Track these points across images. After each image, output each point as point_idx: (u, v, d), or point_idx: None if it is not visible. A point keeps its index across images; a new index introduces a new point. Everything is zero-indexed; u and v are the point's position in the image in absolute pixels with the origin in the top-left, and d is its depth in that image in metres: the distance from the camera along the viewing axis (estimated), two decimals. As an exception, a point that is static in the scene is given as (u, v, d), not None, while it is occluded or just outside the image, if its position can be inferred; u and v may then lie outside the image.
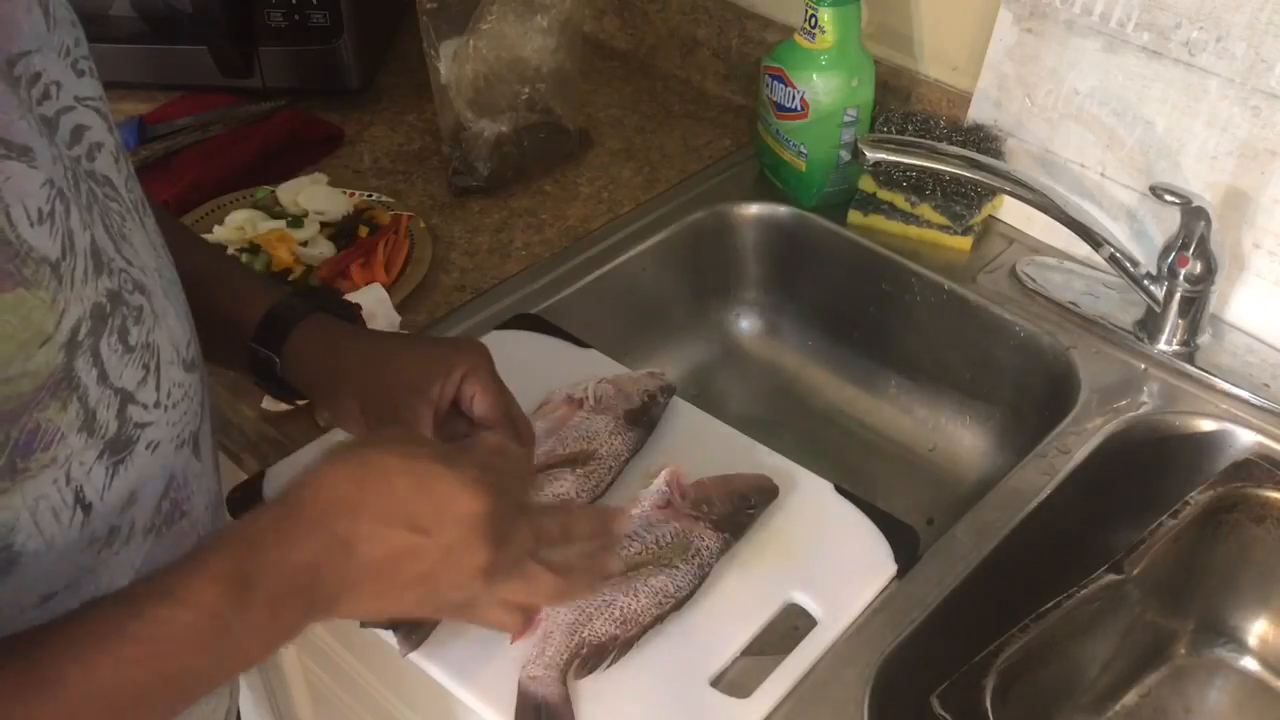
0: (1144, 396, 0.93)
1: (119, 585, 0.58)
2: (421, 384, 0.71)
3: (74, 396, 0.54)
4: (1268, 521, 0.85)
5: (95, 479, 0.56)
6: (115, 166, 0.61)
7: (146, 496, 0.60)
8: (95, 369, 0.55)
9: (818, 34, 1.04)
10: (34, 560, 0.55)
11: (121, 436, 0.57)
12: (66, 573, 0.57)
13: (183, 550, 0.62)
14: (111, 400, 0.56)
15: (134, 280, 0.58)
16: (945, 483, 1.06)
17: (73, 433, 0.54)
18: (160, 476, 0.61)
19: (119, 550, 0.59)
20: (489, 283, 1.04)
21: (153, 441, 0.60)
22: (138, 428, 0.58)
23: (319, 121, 1.23)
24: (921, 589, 0.77)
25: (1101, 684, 0.86)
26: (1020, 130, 1.05)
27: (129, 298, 0.57)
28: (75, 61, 0.59)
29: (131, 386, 0.57)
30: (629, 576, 0.74)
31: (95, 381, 0.55)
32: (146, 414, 0.59)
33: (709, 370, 1.17)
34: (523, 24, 1.11)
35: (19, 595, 0.55)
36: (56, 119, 0.56)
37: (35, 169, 0.52)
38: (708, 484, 0.80)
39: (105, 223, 0.57)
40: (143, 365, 0.58)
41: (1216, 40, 0.91)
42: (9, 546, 0.54)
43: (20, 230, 0.50)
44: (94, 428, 0.55)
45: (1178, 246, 0.91)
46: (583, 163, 1.20)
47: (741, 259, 1.17)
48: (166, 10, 1.21)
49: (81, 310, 0.54)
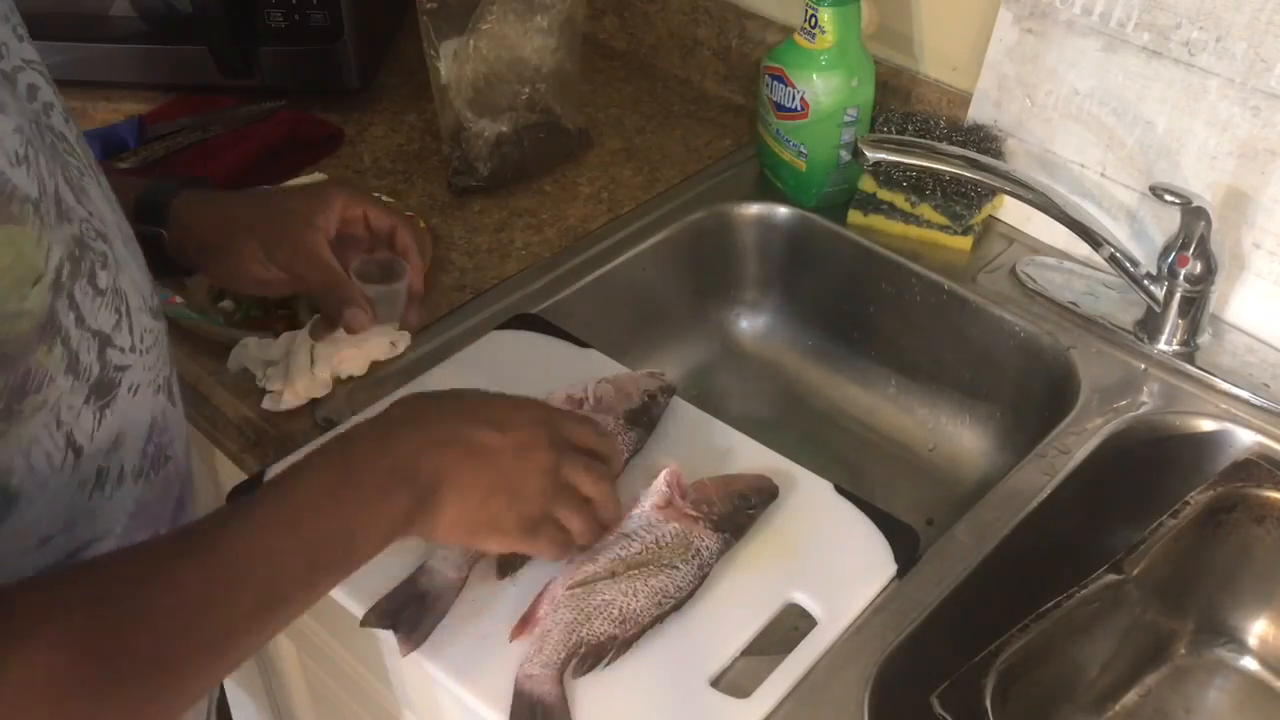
0: (1144, 396, 0.93)
1: (113, 529, 0.62)
2: (310, 215, 0.82)
3: (58, 339, 0.56)
4: (1268, 521, 0.85)
5: (84, 423, 0.59)
6: (68, 125, 0.63)
7: (132, 439, 0.63)
8: (73, 312, 0.57)
9: (818, 34, 1.04)
10: (30, 503, 0.57)
11: (104, 379, 0.60)
12: (61, 515, 0.59)
13: (171, 494, 0.68)
14: (91, 343, 0.59)
15: (95, 229, 0.61)
16: (945, 483, 1.06)
17: (60, 375, 0.57)
18: (143, 420, 0.64)
19: (110, 494, 0.62)
20: (489, 283, 1.04)
21: (133, 385, 0.63)
22: (118, 370, 0.61)
23: (319, 121, 1.23)
24: (921, 589, 0.77)
25: (1101, 684, 0.86)
26: (1020, 130, 1.05)
27: (93, 244, 0.60)
28: (15, 27, 0.61)
29: (108, 329, 0.60)
30: (628, 576, 0.74)
31: (75, 324, 0.57)
32: (124, 357, 0.62)
33: (709, 370, 1.17)
34: (523, 24, 1.11)
35: (19, 538, 0.58)
36: (13, 76, 0.58)
37: (6, 115, 0.53)
38: (708, 484, 0.80)
39: (65, 175, 0.59)
40: (114, 309, 0.61)
41: (1216, 40, 0.91)
42: (5, 489, 0.56)
43: (2, 168, 0.52)
44: (78, 370, 0.58)
45: (1178, 246, 0.91)
46: (583, 163, 1.20)
47: (741, 259, 1.17)
48: (166, 10, 1.21)
49: (61, 251, 0.56)
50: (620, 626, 0.72)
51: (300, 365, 0.89)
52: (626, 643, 0.72)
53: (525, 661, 0.71)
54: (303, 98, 1.25)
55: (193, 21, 1.20)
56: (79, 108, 1.27)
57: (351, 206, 0.85)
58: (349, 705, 1.01)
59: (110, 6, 1.22)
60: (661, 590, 0.73)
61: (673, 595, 0.74)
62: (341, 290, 0.83)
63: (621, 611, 0.72)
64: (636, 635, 0.72)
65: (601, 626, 0.71)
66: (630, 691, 0.71)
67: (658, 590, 0.73)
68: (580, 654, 0.71)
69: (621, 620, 0.72)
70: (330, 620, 0.91)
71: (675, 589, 0.74)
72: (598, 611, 0.72)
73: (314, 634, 0.98)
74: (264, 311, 0.96)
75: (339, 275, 0.83)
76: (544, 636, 0.71)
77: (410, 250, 0.88)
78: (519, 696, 0.69)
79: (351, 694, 0.99)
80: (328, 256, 0.83)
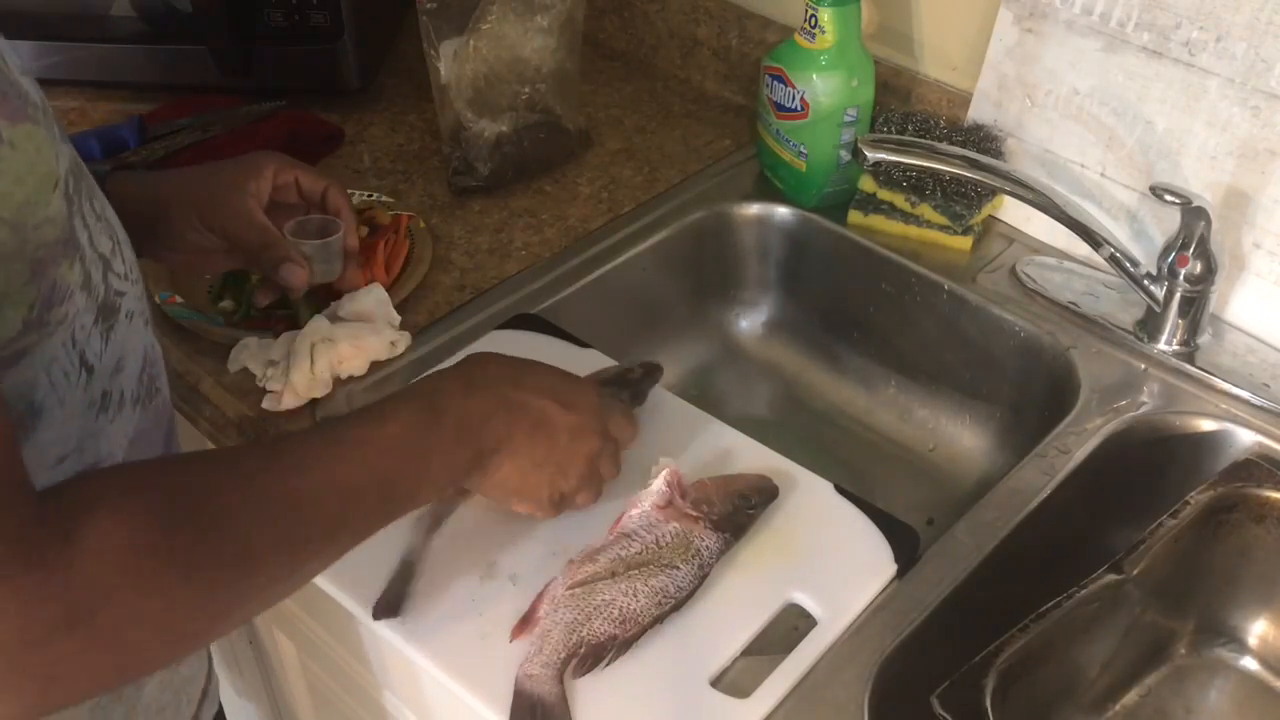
0: (1144, 396, 0.93)
1: (115, 454, 0.64)
2: (242, 182, 0.85)
3: (76, 256, 0.58)
4: (1268, 521, 0.85)
5: (94, 343, 0.61)
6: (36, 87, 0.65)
7: (130, 365, 0.66)
8: (85, 231, 0.60)
9: (818, 34, 1.04)
10: (50, 419, 0.59)
11: (108, 302, 0.63)
12: (75, 435, 0.61)
13: (161, 425, 0.70)
14: (97, 263, 0.61)
15: (79, 163, 0.63)
16: (945, 483, 1.06)
17: (78, 290, 0.59)
18: (138, 348, 0.67)
19: (113, 417, 0.64)
20: (489, 283, 1.04)
21: (130, 311, 0.65)
22: (118, 295, 0.63)
23: (319, 121, 1.23)
24: (921, 589, 0.77)
25: (1101, 684, 0.86)
26: (1020, 130, 1.05)
27: (85, 172, 0.62)
28: None
29: (107, 254, 0.63)
30: (629, 576, 0.74)
31: (87, 244, 0.60)
32: (121, 284, 0.64)
33: (709, 370, 1.17)
34: (523, 24, 1.11)
35: (40, 455, 0.59)
36: None
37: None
38: (708, 484, 0.80)
39: None
40: (109, 237, 0.64)
41: (1216, 40, 0.91)
42: (31, 403, 0.57)
43: (14, 76, 0.54)
44: (91, 288, 0.60)
45: (1178, 246, 0.91)
46: (583, 163, 1.20)
47: (741, 259, 1.17)
48: (166, 10, 1.21)
49: (67, 162, 0.58)
50: (620, 626, 0.72)
51: (300, 365, 0.89)
52: (627, 643, 0.72)
53: (525, 661, 0.71)
54: (303, 98, 1.25)
55: (193, 21, 1.20)
56: (79, 108, 1.27)
57: (283, 173, 0.88)
58: (349, 705, 1.01)
59: (110, 6, 1.22)
60: (662, 590, 0.73)
61: (673, 595, 0.74)
62: (277, 249, 0.86)
63: (622, 611, 0.72)
64: (637, 635, 0.72)
65: (602, 626, 0.71)
66: (630, 691, 0.71)
67: (658, 590, 0.73)
68: (580, 654, 0.71)
69: (622, 620, 0.72)
70: (330, 620, 0.91)
71: (675, 589, 0.74)
72: (598, 611, 0.72)
73: (314, 634, 0.98)
74: (264, 312, 0.96)
75: (273, 234, 0.86)
76: (544, 636, 0.71)
77: (344, 209, 0.92)
78: (519, 696, 0.69)
79: (351, 694, 0.99)
80: (260, 218, 0.86)
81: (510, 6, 1.09)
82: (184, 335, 0.96)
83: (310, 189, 0.91)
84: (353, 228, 0.93)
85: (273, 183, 0.88)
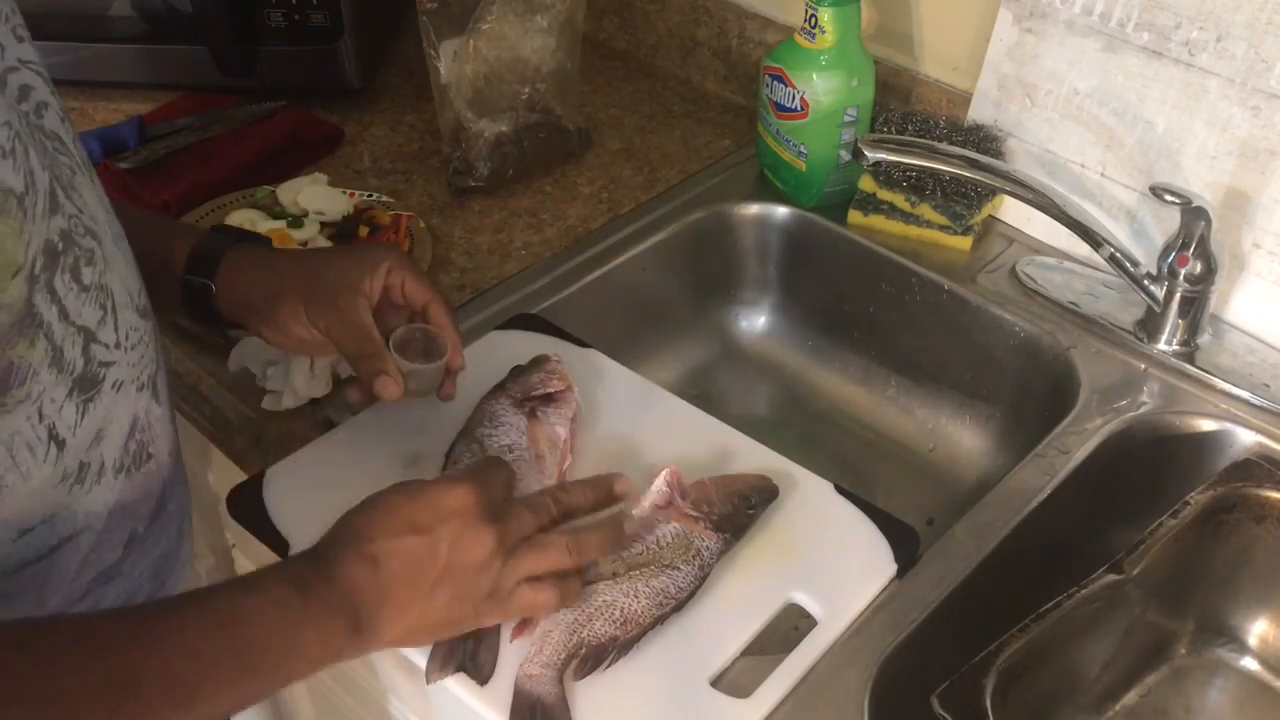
0: (1144, 396, 0.93)
1: (93, 525, 0.64)
2: (354, 279, 0.81)
3: (40, 333, 0.57)
4: (1268, 521, 0.85)
5: (66, 416, 0.60)
6: (62, 125, 0.64)
7: (114, 435, 0.64)
8: (55, 305, 0.58)
9: (818, 34, 1.04)
10: (11, 494, 0.58)
11: (88, 374, 0.61)
12: (43, 508, 0.61)
13: (151, 493, 0.69)
14: (75, 338, 0.60)
15: (84, 226, 0.62)
16: (945, 483, 1.06)
17: (44, 369, 0.58)
18: (125, 416, 0.65)
19: (91, 488, 0.63)
20: (489, 283, 1.04)
21: (117, 381, 0.64)
22: (102, 366, 0.63)
23: (319, 121, 1.23)
24: (921, 589, 0.78)
25: (1101, 684, 0.86)
26: (1020, 130, 1.05)
27: (80, 240, 0.61)
28: (14, 28, 0.62)
29: (92, 325, 0.62)
30: (629, 577, 0.74)
31: (57, 318, 0.59)
32: (109, 354, 0.63)
33: (709, 370, 1.17)
34: (523, 24, 1.11)
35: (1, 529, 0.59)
36: (4, 77, 0.59)
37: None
38: (708, 484, 0.80)
39: (54, 173, 0.60)
40: (99, 305, 0.62)
41: (1216, 40, 0.91)
42: None
43: None
44: (63, 364, 0.59)
45: (1178, 246, 0.91)
46: (583, 163, 1.20)
47: (741, 259, 1.17)
48: (166, 10, 1.21)
49: (40, 244, 0.57)
50: (621, 627, 0.72)
51: (300, 365, 0.89)
52: (627, 644, 0.72)
53: (525, 662, 0.71)
54: (303, 98, 1.25)
55: (193, 21, 1.20)
56: (79, 108, 1.27)
57: (395, 272, 0.83)
58: (349, 705, 1.01)
59: (110, 6, 1.22)
60: (662, 591, 0.73)
61: (673, 596, 0.74)
62: (377, 361, 0.80)
63: (622, 612, 0.72)
64: (637, 636, 0.72)
65: (602, 627, 0.71)
66: (630, 691, 0.71)
67: (658, 591, 0.73)
68: (581, 655, 0.71)
69: (622, 621, 0.72)
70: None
71: (676, 589, 0.74)
72: (599, 612, 0.72)
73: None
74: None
75: (376, 345, 0.80)
76: (544, 637, 0.71)
77: (448, 328, 0.85)
78: (519, 697, 0.69)
79: (351, 694, 0.99)
80: (366, 320, 0.80)
81: (510, 6, 1.09)
82: (184, 335, 0.96)
83: (414, 296, 0.84)
84: (458, 349, 0.86)
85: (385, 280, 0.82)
